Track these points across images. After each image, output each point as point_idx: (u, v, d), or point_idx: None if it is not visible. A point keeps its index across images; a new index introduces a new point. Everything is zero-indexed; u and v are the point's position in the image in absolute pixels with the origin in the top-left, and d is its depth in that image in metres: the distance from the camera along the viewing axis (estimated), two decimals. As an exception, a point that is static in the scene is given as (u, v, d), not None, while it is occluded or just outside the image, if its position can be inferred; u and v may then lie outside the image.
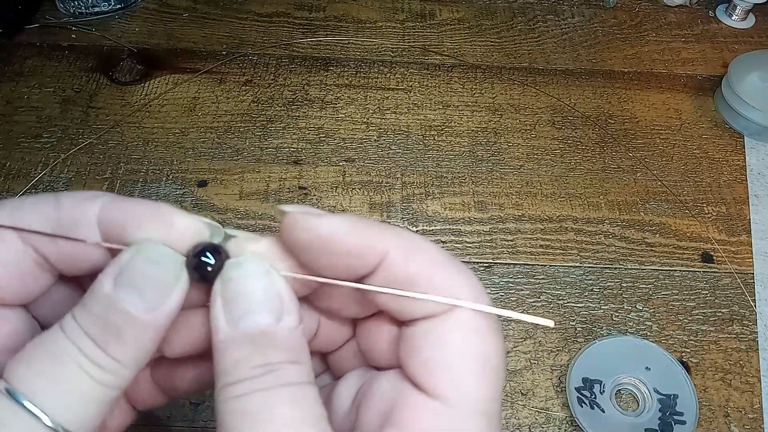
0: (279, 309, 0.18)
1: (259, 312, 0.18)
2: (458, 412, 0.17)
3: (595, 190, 0.54)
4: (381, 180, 0.53)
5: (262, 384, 0.17)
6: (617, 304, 0.47)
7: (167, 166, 0.53)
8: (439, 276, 0.18)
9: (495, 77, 0.62)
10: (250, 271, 0.18)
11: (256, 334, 0.18)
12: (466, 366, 0.18)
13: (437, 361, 0.18)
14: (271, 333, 0.18)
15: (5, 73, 0.59)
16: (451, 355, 0.18)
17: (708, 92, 0.62)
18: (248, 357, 0.17)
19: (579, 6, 0.70)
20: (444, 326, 0.18)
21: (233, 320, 0.18)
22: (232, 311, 0.18)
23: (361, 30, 0.65)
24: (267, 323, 0.18)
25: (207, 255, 0.18)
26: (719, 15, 0.70)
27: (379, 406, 0.19)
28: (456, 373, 0.17)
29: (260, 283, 0.18)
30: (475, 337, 0.18)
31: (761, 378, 0.44)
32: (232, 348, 0.18)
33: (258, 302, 0.18)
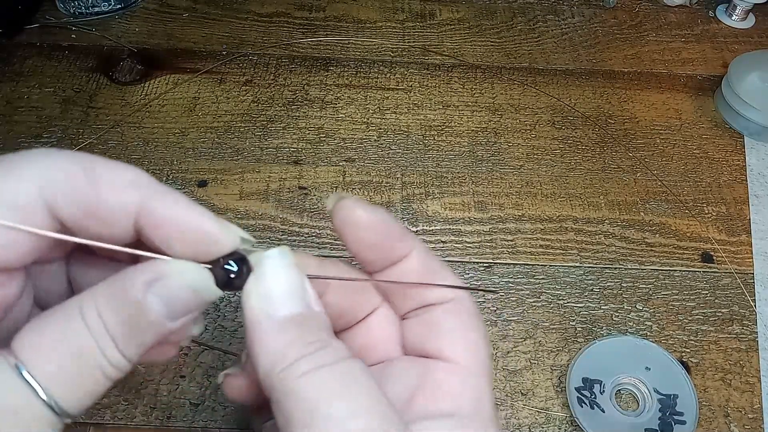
0: (308, 298, 0.20)
1: (294, 300, 0.19)
2: (475, 373, 0.21)
3: (595, 190, 0.54)
4: (381, 180, 0.53)
5: (324, 358, 0.18)
6: (617, 304, 0.47)
7: (167, 166, 0.53)
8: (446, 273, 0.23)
9: (495, 77, 0.62)
10: (280, 265, 0.20)
11: (299, 318, 0.19)
12: (476, 336, 0.22)
13: (457, 331, 0.22)
14: (311, 316, 0.19)
15: (5, 73, 0.59)
16: (465, 327, 0.22)
17: (708, 92, 0.62)
18: (300, 336, 0.19)
19: (579, 6, 0.70)
20: (454, 308, 0.22)
21: (272, 311, 0.19)
22: (270, 303, 0.19)
23: (361, 30, 0.65)
24: (303, 308, 0.19)
25: (232, 264, 0.19)
26: (719, 15, 0.70)
27: (404, 381, 0.22)
28: (471, 341, 0.22)
29: (290, 276, 0.20)
30: (473, 316, 0.23)
31: (761, 378, 0.44)
32: (280, 334, 0.19)
33: (291, 292, 0.20)
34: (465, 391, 0.21)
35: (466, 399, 0.21)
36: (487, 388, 0.21)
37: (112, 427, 0.40)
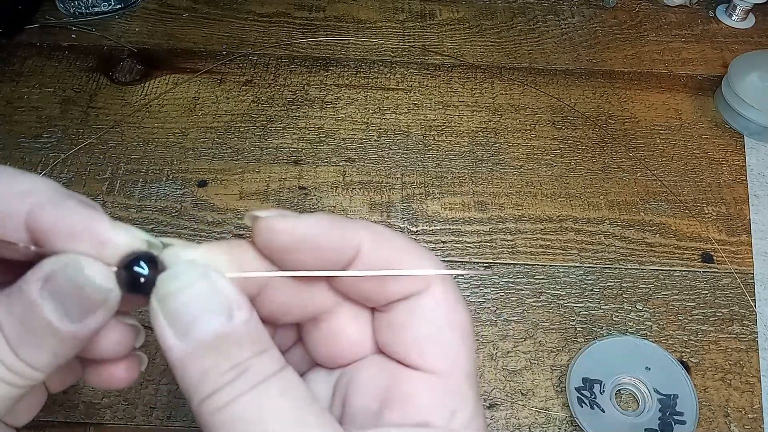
0: (227, 307, 0.17)
1: (207, 316, 0.17)
2: (451, 381, 0.19)
3: (595, 190, 0.54)
4: (381, 180, 0.53)
5: (242, 385, 0.16)
6: (617, 304, 0.47)
7: (167, 166, 0.53)
8: (408, 259, 0.19)
9: (495, 77, 0.62)
10: (186, 279, 0.17)
11: (213, 339, 0.17)
12: (451, 338, 0.19)
13: (425, 337, 0.19)
14: (228, 332, 0.17)
15: (5, 73, 0.59)
16: (437, 329, 0.19)
17: (708, 92, 0.62)
18: (215, 364, 0.17)
19: (579, 6, 0.70)
20: (423, 304, 0.19)
21: (183, 333, 0.17)
22: (179, 325, 0.17)
23: (361, 30, 0.65)
24: (219, 324, 0.17)
25: (140, 265, 0.17)
26: (719, 15, 0.70)
27: (372, 391, 0.19)
28: (445, 346, 0.19)
29: (200, 288, 0.17)
30: (451, 309, 0.19)
31: (761, 378, 0.44)
32: (193, 361, 0.17)
33: (203, 307, 0.17)
34: (437, 406, 0.19)
35: (438, 413, 0.19)
36: (466, 394, 0.19)
37: (112, 427, 0.40)
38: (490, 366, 0.44)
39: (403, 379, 0.19)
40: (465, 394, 0.19)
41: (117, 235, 0.17)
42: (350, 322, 0.21)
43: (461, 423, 0.19)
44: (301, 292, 0.20)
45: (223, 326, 0.17)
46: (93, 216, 0.18)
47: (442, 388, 0.19)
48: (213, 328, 0.17)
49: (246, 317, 0.17)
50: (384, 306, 0.20)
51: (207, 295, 0.17)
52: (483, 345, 0.45)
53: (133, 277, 0.17)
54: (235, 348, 0.17)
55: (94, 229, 0.17)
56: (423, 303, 0.19)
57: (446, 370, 0.19)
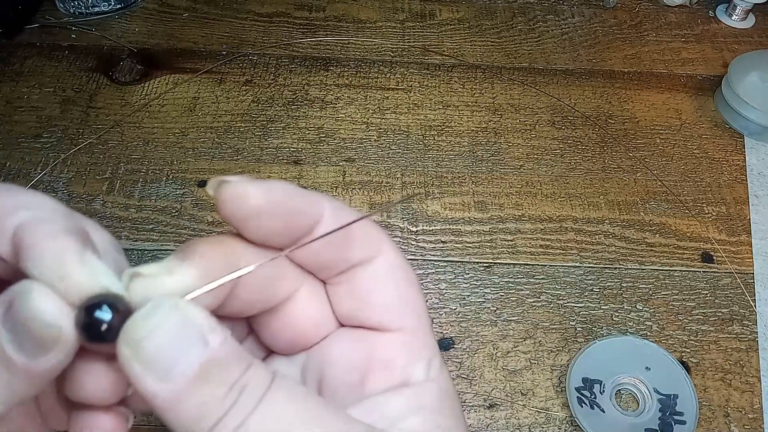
0: (202, 335, 0.16)
1: (187, 350, 0.16)
2: (420, 334, 0.20)
3: (595, 190, 0.54)
4: (381, 180, 0.53)
5: (248, 404, 0.16)
6: (617, 304, 0.47)
7: (167, 166, 0.53)
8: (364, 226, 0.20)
9: (495, 77, 0.62)
10: (155, 319, 0.16)
11: (200, 370, 0.16)
12: (413, 293, 0.20)
13: (392, 297, 0.20)
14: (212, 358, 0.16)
15: (5, 73, 0.59)
16: (400, 288, 0.20)
17: (708, 92, 0.62)
18: (210, 393, 0.16)
19: (579, 6, 0.70)
20: (382, 267, 0.20)
21: (165, 375, 0.16)
22: (158, 368, 0.16)
23: (361, 30, 0.65)
24: (200, 353, 0.16)
25: (102, 310, 0.16)
26: (719, 15, 0.70)
27: (349, 364, 0.20)
28: (410, 302, 0.20)
29: (171, 325, 0.16)
30: (405, 268, 0.20)
31: (761, 378, 0.44)
32: (185, 399, 0.16)
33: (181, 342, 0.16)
34: (414, 361, 0.19)
35: (417, 367, 0.19)
36: (433, 343, 0.20)
37: (112, 427, 0.40)
38: (490, 366, 0.44)
39: (377, 344, 0.20)
40: (433, 343, 0.20)
41: (79, 272, 0.16)
42: (309, 304, 0.21)
43: (437, 369, 0.20)
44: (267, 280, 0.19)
45: (204, 354, 0.16)
46: (66, 247, 0.16)
47: (414, 344, 0.20)
48: (195, 359, 0.16)
49: (222, 338, 0.17)
50: (341, 275, 0.20)
51: (181, 329, 0.16)
52: (483, 345, 0.45)
53: (92, 324, 0.15)
54: (223, 371, 0.16)
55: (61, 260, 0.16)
56: (382, 266, 0.20)
57: (414, 325, 0.20)
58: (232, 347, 0.17)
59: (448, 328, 0.45)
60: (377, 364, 0.19)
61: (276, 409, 0.16)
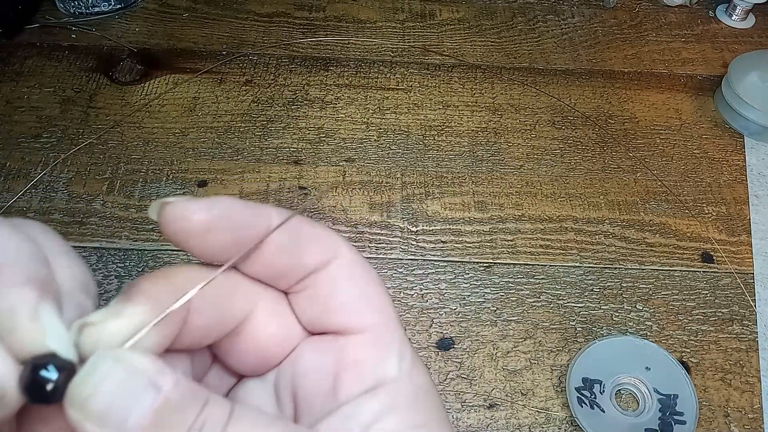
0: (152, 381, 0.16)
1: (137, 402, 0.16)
2: (387, 331, 0.19)
3: (595, 190, 0.54)
4: (381, 180, 0.53)
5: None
6: (617, 304, 0.47)
7: (167, 166, 0.53)
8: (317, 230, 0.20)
9: (495, 77, 0.62)
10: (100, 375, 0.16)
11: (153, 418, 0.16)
12: (375, 291, 0.20)
13: (354, 298, 0.19)
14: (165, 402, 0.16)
15: (5, 73, 0.59)
16: (361, 288, 0.20)
17: (708, 92, 0.62)
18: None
19: (579, 6, 0.70)
20: (340, 268, 0.20)
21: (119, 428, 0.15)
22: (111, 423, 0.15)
23: (361, 30, 0.65)
24: (152, 401, 0.16)
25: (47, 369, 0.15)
26: (719, 15, 0.70)
27: (320, 373, 0.19)
28: (373, 300, 0.20)
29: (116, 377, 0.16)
30: (364, 266, 0.20)
31: (761, 378, 0.44)
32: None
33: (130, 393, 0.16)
34: (384, 359, 0.19)
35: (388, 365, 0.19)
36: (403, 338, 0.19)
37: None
38: (490, 366, 0.44)
39: (345, 347, 0.19)
40: (402, 338, 0.19)
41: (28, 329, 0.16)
42: (269, 320, 0.20)
43: (409, 363, 0.19)
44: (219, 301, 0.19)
45: (156, 401, 0.16)
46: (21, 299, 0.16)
47: (383, 341, 0.19)
48: (147, 407, 0.16)
49: (173, 381, 0.16)
50: (301, 282, 0.20)
51: (128, 379, 0.16)
52: (483, 345, 0.45)
53: (37, 384, 0.15)
54: (178, 414, 0.16)
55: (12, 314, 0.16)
56: (340, 267, 0.19)
57: (379, 321, 0.19)
58: (186, 387, 0.16)
59: (448, 328, 0.45)
60: (348, 367, 0.19)
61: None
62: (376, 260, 0.48)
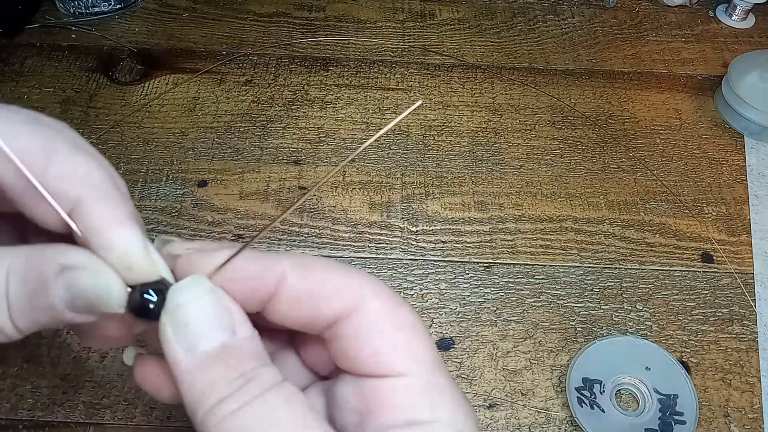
0: (231, 323, 0.18)
1: (214, 330, 0.18)
2: (421, 377, 0.19)
3: (595, 190, 0.54)
4: (381, 180, 0.53)
5: (249, 393, 0.17)
6: (617, 304, 0.47)
7: (167, 166, 0.53)
8: (334, 278, 0.20)
9: (495, 77, 0.62)
10: (194, 293, 0.18)
11: (221, 351, 0.18)
12: (403, 338, 0.19)
13: (378, 348, 0.19)
14: (234, 345, 0.18)
15: (5, 73, 0.59)
16: (386, 337, 0.19)
17: (708, 92, 0.62)
18: (222, 374, 0.17)
19: (579, 6, 0.70)
20: (363, 318, 0.19)
21: (191, 346, 0.18)
22: (188, 337, 0.18)
23: (361, 30, 0.65)
24: (226, 337, 0.18)
25: (150, 293, 0.18)
26: (719, 15, 0.70)
27: (351, 407, 0.20)
28: (401, 348, 0.19)
29: (207, 302, 0.18)
30: (391, 312, 0.20)
31: (761, 378, 0.44)
32: (200, 373, 0.17)
33: (211, 321, 0.18)
34: (415, 403, 0.19)
35: (419, 409, 0.19)
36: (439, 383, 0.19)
37: (112, 427, 0.40)
38: (490, 366, 0.44)
39: (375, 389, 0.19)
40: (438, 383, 0.19)
41: (143, 265, 0.18)
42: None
43: (444, 409, 0.19)
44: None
45: (229, 340, 0.18)
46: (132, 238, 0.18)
47: (416, 386, 0.19)
48: (220, 340, 0.18)
49: (249, 333, 0.18)
50: (326, 331, 0.20)
51: (213, 309, 0.18)
52: (483, 345, 0.45)
53: (144, 304, 0.18)
54: (240, 360, 0.18)
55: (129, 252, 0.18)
56: (363, 317, 0.19)
57: (412, 369, 0.19)
58: (255, 345, 0.18)
59: (448, 328, 0.45)
60: (374, 406, 0.19)
61: (272, 406, 0.17)
62: (375, 260, 0.48)
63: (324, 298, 0.19)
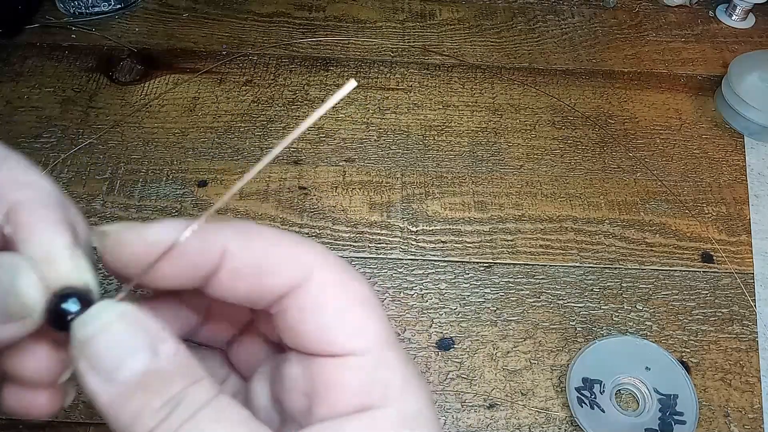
0: (150, 342, 0.17)
1: (131, 356, 0.16)
2: (372, 356, 0.18)
3: (595, 190, 0.54)
4: (381, 180, 0.53)
5: (176, 421, 0.16)
6: (617, 304, 0.47)
7: (167, 166, 0.53)
8: (281, 251, 0.18)
9: (495, 77, 0.62)
10: (103, 323, 0.17)
11: (142, 378, 0.16)
12: (354, 315, 0.18)
13: (327, 325, 0.18)
14: (157, 367, 0.16)
15: (5, 73, 0.59)
16: (336, 313, 0.18)
17: (708, 92, 0.62)
18: (146, 403, 0.16)
19: (579, 6, 0.70)
20: (311, 292, 0.18)
21: (109, 377, 0.16)
22: (104, 368, 0.16)
23: (361, 30, 0.65)
24: (146, 361, 0.16)
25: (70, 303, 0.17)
26: (719, 15, 0.70)
27: (299, 388, 0.19)
28: (351, 325, 0.18)
29: (119, 329, 0.17)
30: (343, 286, 0.18)
31: (761, 378, 0.44)
32: (123, 404, 0.16)
33: (126, 347, 0.16)
34: (366, 385, 0.18)
35: (372, 391, 0.18)
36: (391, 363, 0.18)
37: (112, 427, 0.40)
38: (490, 366, 0.44)
39: (323, 369, 0.18)
40: (390, 363, 0.18)
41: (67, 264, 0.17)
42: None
43: (397, 391, 0.18)
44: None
45: (150, 363, 0.16)
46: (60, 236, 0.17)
47: (366, 367, 0.18)
48: (139, 366, 0.16)
49: (172, 350, 0.17)
50: (272, 306, 0.19)
51: (127, 334, 0.17)
52: (483, 345, 0.45)
53: (61, 313, 0.16)
54: (164, 383, 0.16)
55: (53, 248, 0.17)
56: (310, 291, 0.18)
57: (363, 347, 0.18)
58: (182, 360, 0.17)
59: (448, 328, 0.45)
60: (321, 389, 0.18)
61: (204, 428, 0.16)
62: (376, 260, 0.48)
63: (268, 271, 0.18)
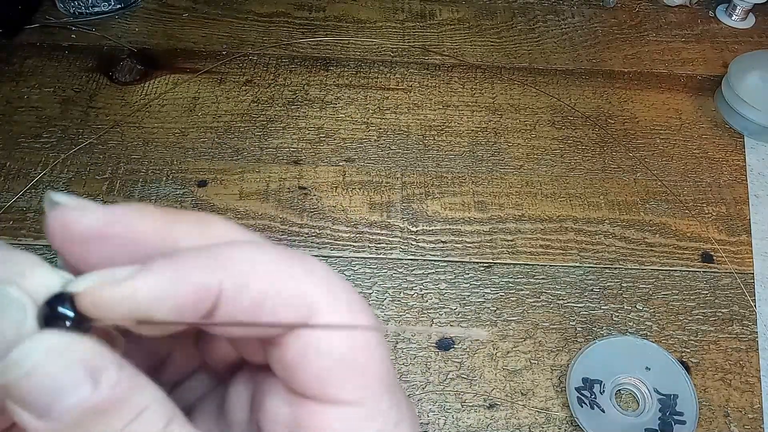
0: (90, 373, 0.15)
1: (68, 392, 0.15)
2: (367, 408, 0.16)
3: (595, 190, 0.54)
4: (381, 180, 0.53)
5: None
6: (617, 304, 0.47)
7: (167, 166, 0.53)
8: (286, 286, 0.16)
9: (495, 77, 0.62)
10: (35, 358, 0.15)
11: (81, 414, 0.15)
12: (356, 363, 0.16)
13: (328, 373, 0.16)
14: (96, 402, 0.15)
15: (5, 73, 0.59)
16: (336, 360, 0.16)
17: (708, 92, 0.62)
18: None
19: (579, 6, 0.70)
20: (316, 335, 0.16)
21: (45, 414, 0.15)
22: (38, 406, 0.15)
23: (361, 30, 0.65)
24: (85, 395, 0.15)
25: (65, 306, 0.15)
26: (719, 15, 0.70)
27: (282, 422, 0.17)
28: (351, 375, 0.16)
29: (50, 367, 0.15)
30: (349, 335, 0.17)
31: (761, 378, 0.44)
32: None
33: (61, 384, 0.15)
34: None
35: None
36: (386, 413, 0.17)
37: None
38: (490, 366, 0.44)
39: (312, 415, 0.16)
40: (385, 412, 0.17)
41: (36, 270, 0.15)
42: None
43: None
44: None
45: (88, 398, 0.15)
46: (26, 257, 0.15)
47: (359, 418, 0.16)
48: (78, 402, 0.15)
49: (114, 380, 0.15)
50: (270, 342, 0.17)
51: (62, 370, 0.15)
52: (483, 345, 0.45)
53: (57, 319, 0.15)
54: (107, 417, 0.15)
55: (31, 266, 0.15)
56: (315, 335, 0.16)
57: (360, 397, 0.16)
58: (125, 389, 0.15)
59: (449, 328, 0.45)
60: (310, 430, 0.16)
61: None
62: (376, 260, 0.48)
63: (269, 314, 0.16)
